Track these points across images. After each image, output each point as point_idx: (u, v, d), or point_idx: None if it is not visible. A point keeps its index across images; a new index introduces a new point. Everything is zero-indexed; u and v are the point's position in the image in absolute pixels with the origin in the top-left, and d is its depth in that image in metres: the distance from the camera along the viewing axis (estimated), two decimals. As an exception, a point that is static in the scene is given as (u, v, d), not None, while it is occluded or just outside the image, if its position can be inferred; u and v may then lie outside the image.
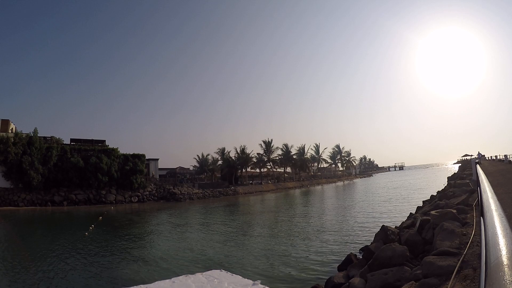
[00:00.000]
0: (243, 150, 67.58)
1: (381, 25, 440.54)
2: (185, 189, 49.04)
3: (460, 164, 73.67)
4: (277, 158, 75.02)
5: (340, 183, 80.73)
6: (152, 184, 48.35)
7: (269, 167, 75.59)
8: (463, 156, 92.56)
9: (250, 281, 1.64)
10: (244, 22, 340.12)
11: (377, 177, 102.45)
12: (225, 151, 69.14)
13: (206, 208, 35.55)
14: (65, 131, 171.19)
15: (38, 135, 41.10)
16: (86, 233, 19.42)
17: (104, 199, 41.24)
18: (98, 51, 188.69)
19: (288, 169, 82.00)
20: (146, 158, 49.30)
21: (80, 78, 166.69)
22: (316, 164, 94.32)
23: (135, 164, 45.79)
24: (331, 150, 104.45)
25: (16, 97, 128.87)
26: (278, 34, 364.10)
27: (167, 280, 1.62)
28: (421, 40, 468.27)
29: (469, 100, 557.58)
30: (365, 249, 10.79)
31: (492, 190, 3.81)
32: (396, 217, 20.13)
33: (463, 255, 5.26)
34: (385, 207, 26.78)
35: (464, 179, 21.82)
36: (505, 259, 1.08)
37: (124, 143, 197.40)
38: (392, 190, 44.59)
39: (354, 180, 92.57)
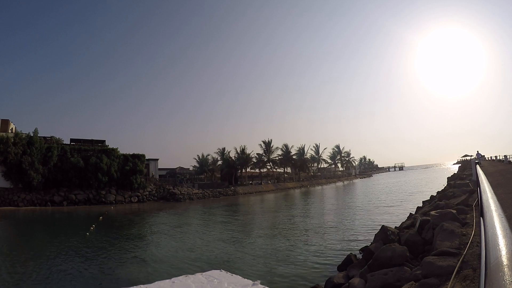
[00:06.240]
0: (243, 150, 67.56)
1: (381, 25, 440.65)
2: (185, 189, 49.02)
3: (460, 165, 73.65)
4: (277, 158, 75.01)
5: (340, 184, 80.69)
6: (152, 184, 48.34)
7: (269, 167, 75.58)
8: (463, 156, 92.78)
9: (250, 281, 1.64)
10: (244, 22, 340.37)
11: (377, 178, 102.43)
12: (225, 151, 69.22)
13: (205, 208, 35.54)
14: (65, 131, 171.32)
15: (38, 135, 41.12)
16: (87, 233, 19.42)
17: (104, 199, 41.23)
18: (98, 51, 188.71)
19: (288, 170, 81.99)
20: (146, 158, 49.30)
21: (80, 78, 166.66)
22: (316, 164, 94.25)
23: (135, 164, 45.78)
24: (331, 151, 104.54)
25: (16, 97, 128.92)
26: (278, 34, 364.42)
27: (167, 280, 1.62)
28: (421, 40, 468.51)
29: (469, 100, 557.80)
30: (365, 249, 10.79)
31: (492, 191, 3.81)
32: (396, 217, 20.11)
33: (463, 256, 5.27)
34: (384, 207, 26.77)
35: (464, 179, 21.84)
36: (505, 259, 1.08)
37: (124, 143, 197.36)
38: (392, 190, 44.59)
39: (353, 181, 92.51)
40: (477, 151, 33.80)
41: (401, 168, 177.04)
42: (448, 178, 34.45)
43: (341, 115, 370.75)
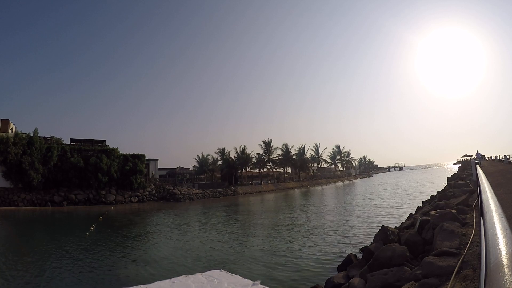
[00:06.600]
0: (243, 150, 67.55)
1: (381, 25, 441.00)
2: (185, 189, 49.02)
3: (460, 165, 73.66)
4: (277, 158, 75.00)
5: (340, 184, 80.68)
6: (152, 184, 48.34)
7: (269, 167, 75.57)
8: (463, 156, 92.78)
9: (250, 281, 1.64)
10: (244, 22, 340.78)
11: (377, 178, 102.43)
12: (225, 151, 69.25)
13: (205, 208, 35.54)
14: (65, 131, 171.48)
15: (38, 135, 41.11)
16: (87, 234, 19.42)
17: (104, 199, 41.23)
18: (98, 51, 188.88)
19: (288, 170, 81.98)
20: (146, 158, 49.30)
21: (80, 78, 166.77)
22: (316, 164, 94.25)
23: (135, 164, 45.78)
24: (331, 150, 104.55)
25: (16, 97, 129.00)
26: (278, 34, 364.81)
27: (167, 280, 1.62)
28: (421, 40, 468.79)
29: (469, 100, 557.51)
30: (365, 250, 10.79)
31: (492, 191, 3.81)
32: (396, 217, 20.12)
33: (463, 256, 5.27)
34: (384, 207, 26.76)
35: (464, 179, 21.83)
36: (505, 259, 1.08)
37: (124, 143, 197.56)
38: (392, 190, 44.58)
39: (353, 181, 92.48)
40: (477, 151, 33.76)
41: (401, 168, 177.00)
42: (448, 178, 34.47)
43: (341, 115, 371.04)
